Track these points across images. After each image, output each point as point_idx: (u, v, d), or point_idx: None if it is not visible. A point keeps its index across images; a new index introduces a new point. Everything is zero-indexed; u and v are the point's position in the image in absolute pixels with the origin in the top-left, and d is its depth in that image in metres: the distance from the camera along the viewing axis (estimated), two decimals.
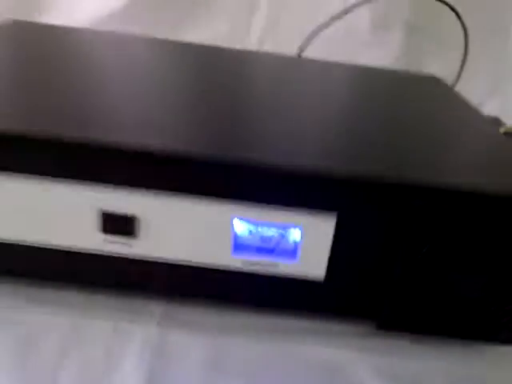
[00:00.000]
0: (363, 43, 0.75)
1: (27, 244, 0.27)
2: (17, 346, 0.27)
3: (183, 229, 0.27)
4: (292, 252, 0.27)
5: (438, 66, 0.75)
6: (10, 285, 0.30)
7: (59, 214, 0.27)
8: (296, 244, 0.27)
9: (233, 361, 0.28)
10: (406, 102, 0.42)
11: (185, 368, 0.27)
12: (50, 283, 0.30)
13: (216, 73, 0.42)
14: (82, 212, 0.27)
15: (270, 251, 0.28)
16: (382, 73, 0.49)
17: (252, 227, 0.27)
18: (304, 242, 0.27)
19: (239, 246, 0.27)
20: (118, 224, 0.27)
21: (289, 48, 0.67)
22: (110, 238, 0.27)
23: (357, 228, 0.27)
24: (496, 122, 0.66)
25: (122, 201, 0.26)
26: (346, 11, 0.59)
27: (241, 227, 0.27)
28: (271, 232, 0.27)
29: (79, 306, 0.29)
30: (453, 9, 0.60)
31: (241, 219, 0.27)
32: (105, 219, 0.27)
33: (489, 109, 0.71)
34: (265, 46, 0.74)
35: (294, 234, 0.27)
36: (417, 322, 0.28)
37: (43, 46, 0.42)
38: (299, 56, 0.61)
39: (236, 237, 0.27)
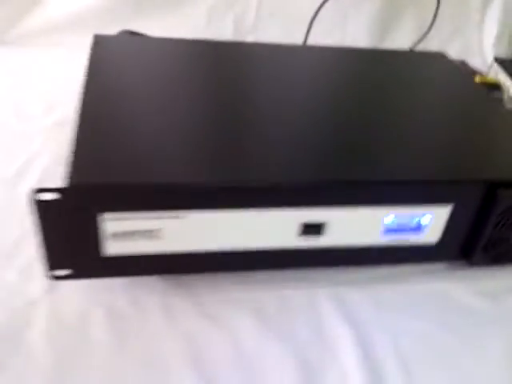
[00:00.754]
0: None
1: (253, 250, 0.41)
2: (254, 317, 0.41)
3: (352, 225, 0.41)
4: (420, 229, 0.42)
5: (413, 14, 0.88)
6: (233, 275, 0.43)
7: (274, 227, 0.40)
8: (424, 224, 0.42)
9: (383, 298, 0.44)
10: (435, 91, 0.56)
11: (355, 305, 0.43)
12: (262, 271, 0.44)
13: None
14: (289, 225, 0.40)
15: (406, 231, 0.42)
16: (394, 55, 0.63)
17: (396, 218, 0.42)
18: (430, 222, 0.42)
19: (387, 230, 0.42)
20: (312, 229, 0.40)
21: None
22: (305, 237, 0.41)
23: (462, 211, 0.42)
24: (463, 64, 0.81)
25: (315, 214, 0.40)
26: None
27: (388, 219, 0.41)
28: (408, 218, 0.42)
29: (282, 283, 0.44)
30: None
31: (390, 214, 0.41)
32: (304, 227, 0.40)
33: (453, 49, 0.87)
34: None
35: (424, 218, 0.42)
36: (494, 259, 0.45)
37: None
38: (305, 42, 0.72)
39: (385, 225, 0.42)
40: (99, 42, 0.54)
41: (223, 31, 0.84)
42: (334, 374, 0.37)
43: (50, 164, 0.55)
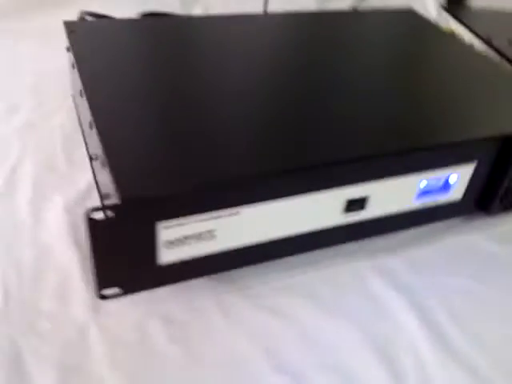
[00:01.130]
0: None
1: (302, 233, 0.40)
2: (309, 301, 0.41)
3: (390, 194, 0.42)
4: (448, 188, 0.44)
5: None
6: (273, 263, 0.42)
7: (322, 208, 0.39)
8: (451, 183, 0.44)
9: (419, 260, 0.45)
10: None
11: (397, 271, 0.44)
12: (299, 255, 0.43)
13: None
14: (336, 203, 0.40)
15: (435, 192, 0.44)
16: (367, 16, 0.63)
17: (428, 182, 0.43)
18: (457, 181, 0.44)
19: (420, 194, 0.43)
20: (356, 204, 0.41)
21: None
22: (350, 213, 0.41)
23: (483, 166, 0.44)
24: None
25: (359, 190, 0.40)
26: None
27: (422, 184, 0.43)
28: (437, 180, 0.43)
29: (322, 262, 0.44)
30: None
31: (423, 179, 0.42)
32: (348, 204, 0.40)
33: (396, 2, 0.88)
34: None
35: (451, 178, 0.43)
36: (508, 206, 0.48)
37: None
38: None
39: (419, 190, 0.43)
40: (75, 31, 0.49)
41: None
42: (403, 341, 0.38)
43: (38, 170, 0.50)
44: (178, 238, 0.35)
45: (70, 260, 0.42)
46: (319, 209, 0.39)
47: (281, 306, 0.40)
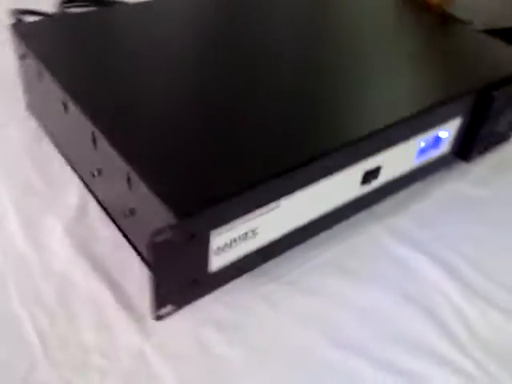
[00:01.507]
0: None
1: (328, 211, 0.41)
2: (341, 275, 0.42)
3: (398, 159, 0.43)
4: (439, 144, 0.47)
5: None
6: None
7: (345, 184, 0.40)
8: (442, 139, 0.47)
9: (422, 215, 0.48)
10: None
11: (408, 230, 0.46)
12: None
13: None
14: (355, 177, 0.41)
15: (429, 149, 0.46)
16: None
17: (426, 141, 0.45)
18: (447, 136, 0.47)
19: (419, 154, 0.46)
20: (371, 175, 0.42)
21: None
22: (366, 184, 0.42)
23: (465, 118, 0.47)
24: None
25: (374, 161, 0.41)
26: None
27: (422, 144, 0.45)
28: (432, 138, 0.46)
29: (337, 235, 0.45)
30: None
31: (422, 140, 0.45)
32: (365, 175, 0.41)
33: None
34: None
35: (443, 134, 0.46)
36: (484, 151, 0.52)
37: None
38: None
39: (419, 150, 0.45)
40: (29, 35, 0.44)
41: None
42: (437, 295, 0.41)
43: (15, 193, 0.45)
44: (227, 243, 0.35)
45: (94, 285, 0.39)
46: (343, 185, 0.40)
47: (317, 285, 0.41)
